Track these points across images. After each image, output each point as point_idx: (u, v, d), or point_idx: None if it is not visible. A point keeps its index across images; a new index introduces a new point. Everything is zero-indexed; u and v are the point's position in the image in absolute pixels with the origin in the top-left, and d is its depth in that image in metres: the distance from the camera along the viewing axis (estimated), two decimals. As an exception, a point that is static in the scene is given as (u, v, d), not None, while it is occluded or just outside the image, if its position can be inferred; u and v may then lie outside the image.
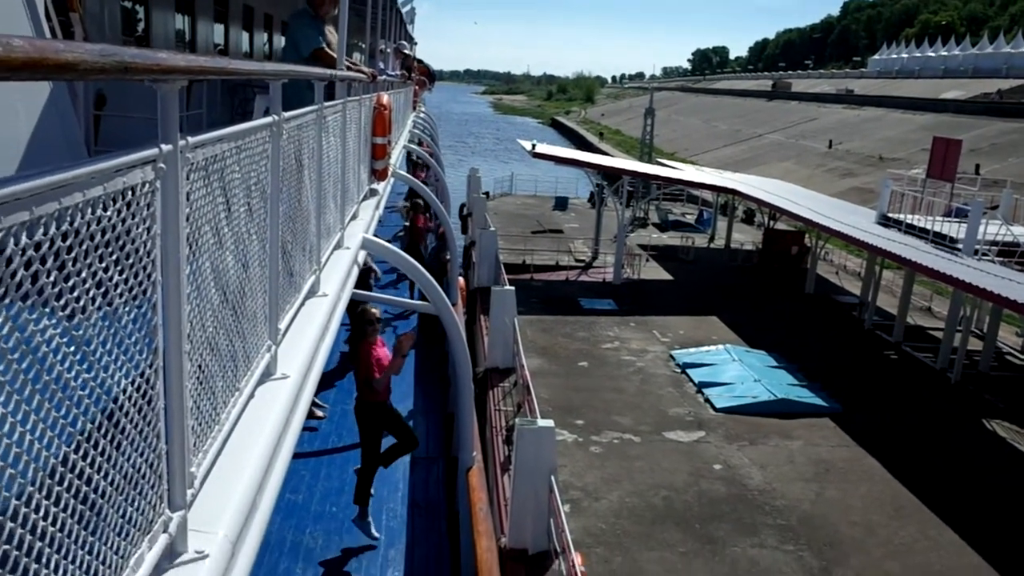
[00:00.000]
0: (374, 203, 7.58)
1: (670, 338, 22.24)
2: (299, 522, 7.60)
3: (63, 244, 1.28)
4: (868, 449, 15.89)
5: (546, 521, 10.78)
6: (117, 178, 1.46)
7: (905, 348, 22.15)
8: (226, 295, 2.41)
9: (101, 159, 1.40)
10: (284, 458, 2.82)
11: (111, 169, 1.43)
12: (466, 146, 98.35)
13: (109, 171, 1.42)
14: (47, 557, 1.28)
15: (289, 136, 3.30)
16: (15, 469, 1.17)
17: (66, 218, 1.28)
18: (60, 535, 1.33)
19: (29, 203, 1.15)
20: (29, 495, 1.22)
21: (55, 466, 1.32)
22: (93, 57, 1.15)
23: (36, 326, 1.24)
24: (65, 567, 1.35)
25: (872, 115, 74.90)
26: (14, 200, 1.11)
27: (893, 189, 25.05)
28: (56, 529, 1.31)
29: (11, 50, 0.92)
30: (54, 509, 1.30)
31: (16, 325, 1.17)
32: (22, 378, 1.20)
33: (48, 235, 1.23)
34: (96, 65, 1.16)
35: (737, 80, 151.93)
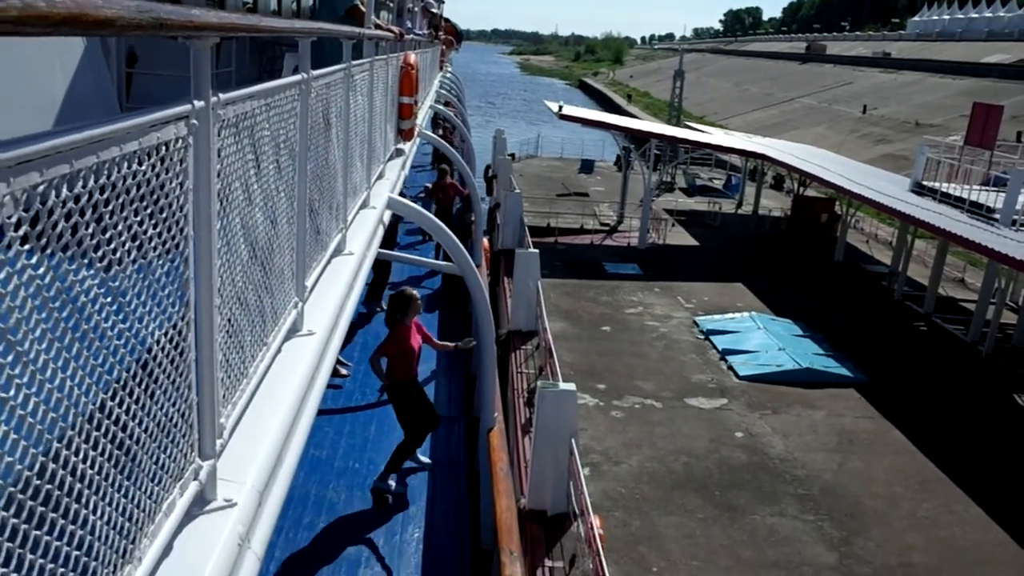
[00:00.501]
0: (400, 163, 7.59)
1: (694, 304, 22.17)
2: (323, 477, 7.75)
3: (101, 197, 1.32)
4: (893, 421, 15.82)
5: (565, 484, 10.88)
6: (151, 133, 1.49)
7: (935, 319, 21.90)
8: (255, 251, 2.45)
9: (136, 114, 1.43)
10: (310, 413, 2.88)
11: (146, 124, 1.46)
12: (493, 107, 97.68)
13: (144, 126, 1.45)
14: (86, 498, 1.34)
15: (317, 94, 3.32)
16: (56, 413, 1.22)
17: (103, 172, 1.31)
18: (98, 477, 1.39)
19: (69, 156, 1.18)
20: (69, 438, 1.27)
21: (93, 412, 1.37)
22: (130, 13, 1.17)
23: (75, 276, 1.28)
24: (102, 508, 1.41)
25: (909, 79, 73.18)
26: (55, 153, 1.14)
27: (929, 156, 24.55)
28: (94, 472, 1.37)
29: (53, 6, 0.95)
30: (92, 452, 1.36)
31: (57, 275, 1.21)
32: (62, 326, 1.24)
33: (87, 188, 1.27)
34: (133, 21, 1.18)
35: (770, 42, 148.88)
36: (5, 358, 1.09)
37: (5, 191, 1.01)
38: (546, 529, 11.05)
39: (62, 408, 1.24)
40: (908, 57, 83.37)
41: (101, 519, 1.40)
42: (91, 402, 1.35)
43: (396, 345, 7.54)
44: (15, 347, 1.11)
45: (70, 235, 1.23)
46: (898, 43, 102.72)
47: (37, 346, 1.18)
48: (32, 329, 1.16)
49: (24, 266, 1.12)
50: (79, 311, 1.30)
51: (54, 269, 1.20)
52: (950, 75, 68.74)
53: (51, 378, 1.21)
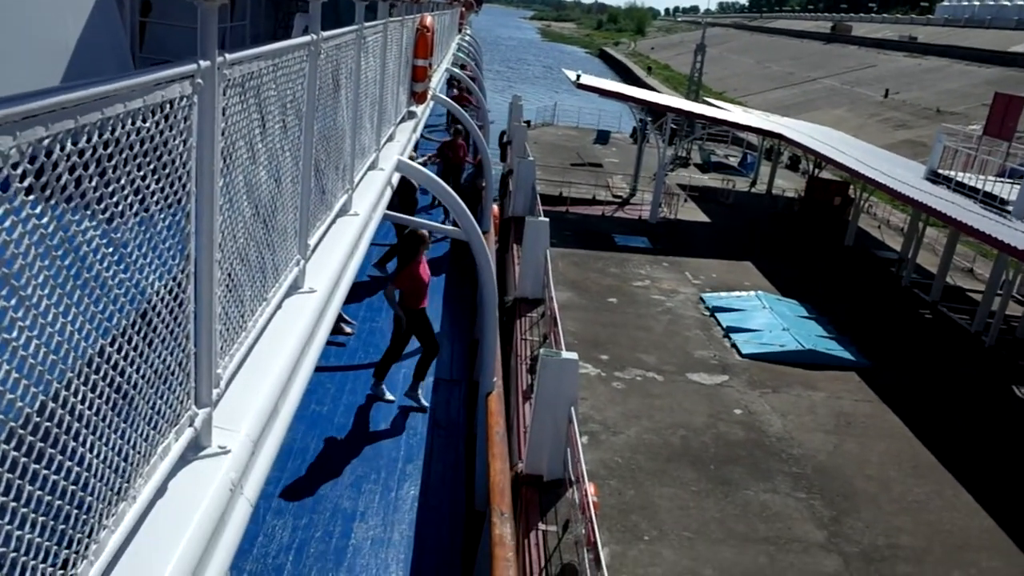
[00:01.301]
0: (412, 125, 7.61)
1: (702, 280, 22.16)
2: (322, 432, 7.89)
3: (104, 152, 1.37)
4: (891, 406, 15.88)
5: (563, 450, 11.03)
6: (156, 91, 1.54)
7: (941, 308, 21.85)
8: (258, 209, 2.50)
9: (142, 72, 1.48)
10: (307, 368, 2.96)
11: (151, 83, 1.51)
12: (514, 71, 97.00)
13: (148, 84, 1.50)
14: (84, 438, 1.41)
15: (327, 56, 3.35)
16: (57, 356, 1.29)
17: (108, 127, 1.37)
18: (96, 418, 1.46)
19: (74, 112, 1.24)
20: (69, 380, 1.34)
21: (93, 356, 1.44)
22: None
23: (78, 227, 1.34)
24: (99, 447, 1.48)
25: (934, 65, 72.16)
26: (60, 109, 1.19)
27: (946, 145, 24.31)
28: (92, 413, 1.44)
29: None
30: (91, 395, 1.43)
31: (60, 225, 1.27)
32: (65, 274, 1.31)
33: (91, 143, 1.32)
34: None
35: (795, 20, 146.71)
36: (8, 301, 1.16)
37: (11, 144, 1.07)
38: (541, 494, 11.22)
39: (63, 351, 1.31)
40: (934, 42, 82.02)
41: (98, 458, 1.48)
42: (91, 347, 1.41)
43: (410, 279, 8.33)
44: (18, 292, 1.18)
45: (74, 187, 1.28)
46: (926, 27, 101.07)
47: (40, 291, 1.25)
48: (35, 275, 1.23)
49: (29, 215, 1.18)
50: (81, 260, 1.36)
51: (58, 219, 1.26)
52: (976, 63, 67.71)
53: (53, 322, 1.28)
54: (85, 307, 1.41)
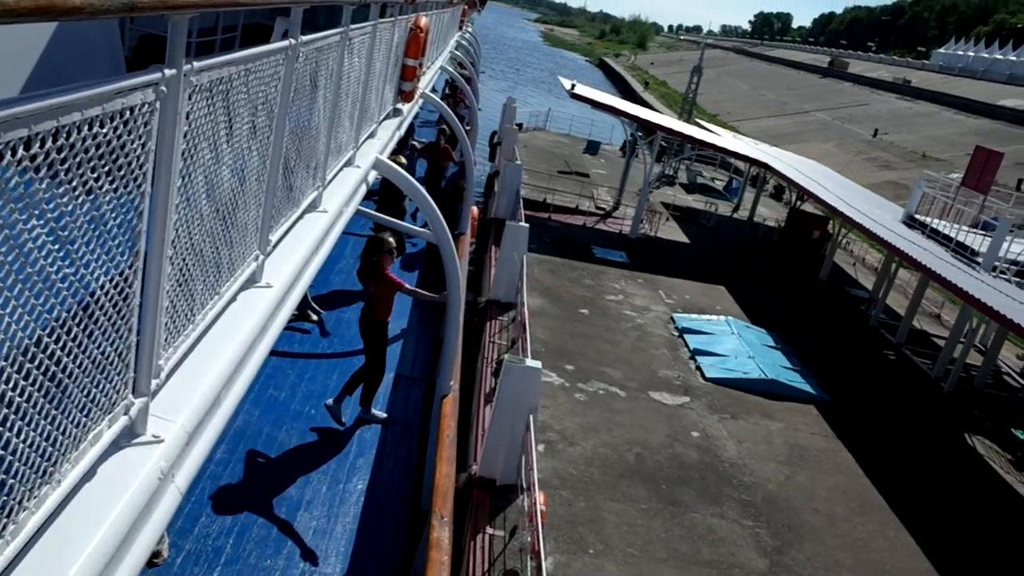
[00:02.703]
0: (396, 123, 7.66)
1: (674, 300, 22.36)
2: (277, 417, 7.92)
3: (57, 156, 1.44)
4: (845, 442, 16.13)
5: (518, 457, 11.12)
6: (116, 99, 1.61)
7: (905, 351, 22.20)
8: (218, 207, 2.56)
9: (102, 82, 1.54)
10: (255, 361, 3.02)
11: (111, 92, 1.57)
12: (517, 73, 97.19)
13: (109, 94, 1.57)
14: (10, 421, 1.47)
15: (307, 58, 3.41)
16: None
17: (62, 134, 1.43)
18: (25, 404, 1.52)
19: (28, 122, 1.30)
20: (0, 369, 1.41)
21: (28, 345, 1.50)
22: (99, 1, 1.28)
23: (25, 225, 1.41)
24: (26, 432, 1.55)
25: (924, 110, 73.17)
26: (14, 119, 1.26)
27: (925, 191, 24.73)
28: (22, 399, 1.50)
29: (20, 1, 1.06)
30: (22, 382, 1.49)
31: (5, 223, 1.34)
32: (6, 268, 1.37)
33: (44, 148, 1.39)
34: (102, 7, 1.29)
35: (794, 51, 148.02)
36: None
37: (-41, 154, 1.13)
38: (493, 497, 11.31)
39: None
40: (927, 88, 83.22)
41: (24, 441, 1.54)
42: (27, 336, 1.48)
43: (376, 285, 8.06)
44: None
45: (23, 189, 1.35)
46: (920, 72, 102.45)
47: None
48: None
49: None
50: (25, 256, 1.42)
51: (4, 217, 1.33)
52: (965, 112, 68.78)
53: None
54: (25, 299, 1.47)
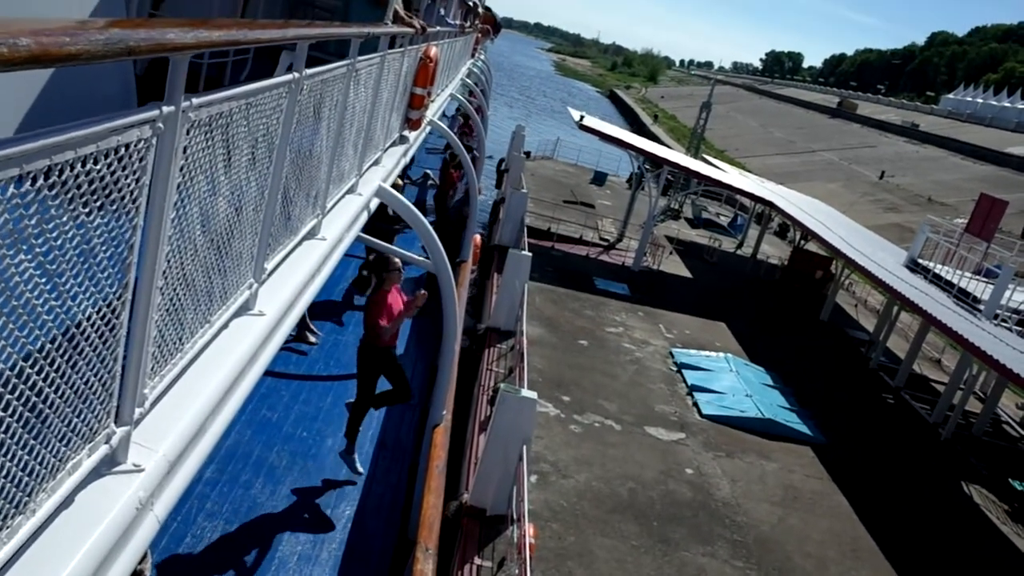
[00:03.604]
0: (401, 151, 7.72)
1: (674, 335, 22.35)
2: (269, 439, 7.89)
3: (49, 193, 1.46)
4: (840, 485, 16.04)
5: (510, 487, 11.07)
6: (112, 137, 1.63)
7: (904, 395, 22.13)
8: (212, 237, 2.58)
9: (98, 120, 1.57)
10: (244, 389, 3.02)
11: (107, 131, 1.60)
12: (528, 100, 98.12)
13: (104, 132, 1.59)
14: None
15: (311, 90, 3.45)
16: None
17: (55, 172, 1.45)
18: (3, 436, 1.52)
19: (19, 162, 1.32)
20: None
21: (9, 376, 1.51)
22: (96, 47, 1.30)
23: (12, 260, 1.42)
24: (2, 463, 1.55)
25: (931, 154, 73.53)
26: (6, 160, 1.28)
27: (929, 236, 24.79)
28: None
29: (15, 49, 1.09)
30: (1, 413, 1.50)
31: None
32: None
33: (35, 187, 1.41)
34: (99, 52, 1.32)
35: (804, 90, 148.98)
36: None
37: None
38: (482, 527, 11.24)
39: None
40: (935, 132, 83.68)
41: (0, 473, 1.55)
42: (7, 368, 1.49)
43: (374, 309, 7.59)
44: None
45: (11, 225, 1.37)
46: (929, 116, 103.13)
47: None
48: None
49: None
50: (11, 290, 1.44)
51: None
52: (972, 158, 69.12)
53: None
54: (8, 332, 1.48)
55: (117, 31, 1.39)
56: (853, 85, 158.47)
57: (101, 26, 1.36)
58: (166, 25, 1.67)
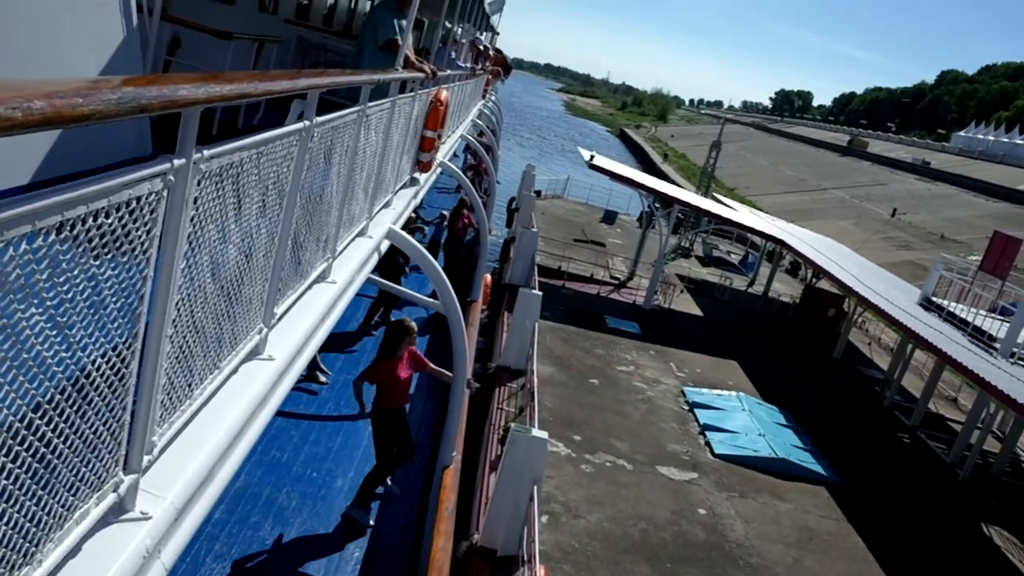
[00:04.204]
0: (412, 193, 7.79)
1: (685, 374, 22.23)
2: (278, 479, 7.87)
3: (60, 248, 1.49)
4: (856, 527, 15.79)
5: (520, 528, 10.95)
6: (123, 191, 1.66)
7: (920, 434, 21.86)
8: (222, 284, 2.61)
9: (110, 175, 1.60)
10: (252, 434, 3.03)
11: (119, 185, 1.63)
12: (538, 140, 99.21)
13: (116, 187, 1.62)
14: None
15: (321, 137, 3.50)
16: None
17: (67, 227, 1.48)
18: (8, 484, 1.53)
19: (32, 218, 1.35)
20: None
21: (14, 424, 1.52)
22: (109, 106, 1.34)
23: (24, 315, 1.45)
24: (9, 513, 1.56)
25: (943, 192, 73.47)
26: (18, 218, 1.31)
27: (943, 274, 24.68)
28: (7, 481, 1.52)
29: (29, 112, 1.12)
30: (9, 464, 1.51)
31: (4, 314, 1.38)
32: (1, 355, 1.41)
33: (47, 242, 1.43)
34: (111, 111, 1.36)
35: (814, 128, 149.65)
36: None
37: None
38: (493, 569, 11.10)
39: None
40: (947, 170, 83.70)
41: (5, 523, 1.55)
42: (16, 418, 1.50)
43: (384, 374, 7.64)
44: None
45: (23, 281, 1.39)
46: (940, 154, 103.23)
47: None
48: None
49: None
50: (21, 343, 1.46)
51: (2, 309, 1.37)
52: (984, 195, 69.03)
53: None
54: (19, 385, 1.50)
55: (130, 90, 1.43)
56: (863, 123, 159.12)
57: (114, 85, 1.40)
58: (178, 81, 1.71)
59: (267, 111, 8.15)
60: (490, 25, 25.95)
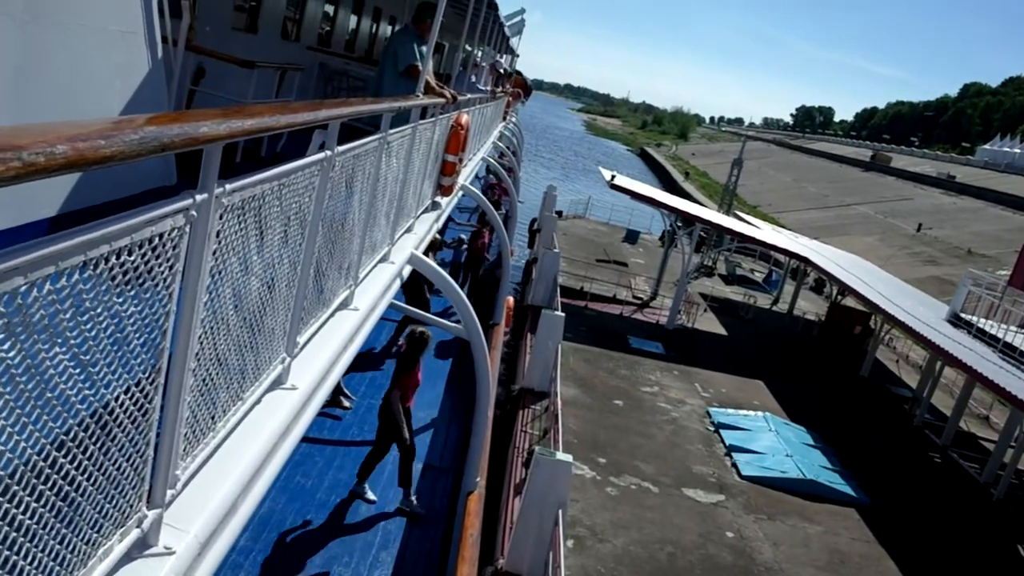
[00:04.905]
0: (433, 216, 7.81)
1: (711, 394, 22.02)
2: (303, 506, 7.85)
3: (84, 287, 1.49)
4: (889, 549, 15.49)
5: (546, 552, 10.86)
6: (146, 228, 1.67)
7: (952, 453, 21.46)
8: (245, 315, 2.61)
9: (133, 213, 1.60)
10: (276, 464, 3.01)
11: (142, 223, 1.64)
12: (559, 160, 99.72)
13: (139, 224, 1.63)
14: (14, 542, 1.48)
15: (343, 165, 3.52)
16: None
17: (90, 266, 1.49)
18: (31, 523, 1.52)
19: (55, 259, 1.35)
20: (5, 486, 1.42)
21: (42, 466, 1.52)
22: (131, 147, 1.35)
23: (47, 354, 1.45)
24: (32, 552, 1.55)
25: (970, 205, 72.61)
26: (42, 260, 1.31)
27: (971, 289, 24.33)
28: (27, 517, 1.51)
29: (52, 157, 1.13)
30: (27, 499, 1.50)
31: (28, 353, 1.38)
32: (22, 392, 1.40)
33: (70, 282, 1.44)
34: (133, 152, 1.36)
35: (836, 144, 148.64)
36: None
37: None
38: (518, 594, 11.00)
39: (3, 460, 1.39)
40: (972, 183, 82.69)
41: (29, 563, 1.55)
42: (37, 453, 1.50)
43: (413, 383, 8.31)
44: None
45: (47, 321, 1.40)
46: (965, 167, 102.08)
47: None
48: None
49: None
50: (45, 383, 1.46)
51: (27, 350, 1.37)
52: (1012, 208, 68.12)
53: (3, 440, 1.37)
54: (43, 424, 1.50)
55: (152, 129, 1.44)
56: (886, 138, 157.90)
57: (136, 125, 1.41)
58: (199, 118, 1.72)
59: (290, 138, 8.24)
60: (509, 47, 26.12)
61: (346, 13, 16.76)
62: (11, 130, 1.12)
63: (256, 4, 10.93)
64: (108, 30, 4.44)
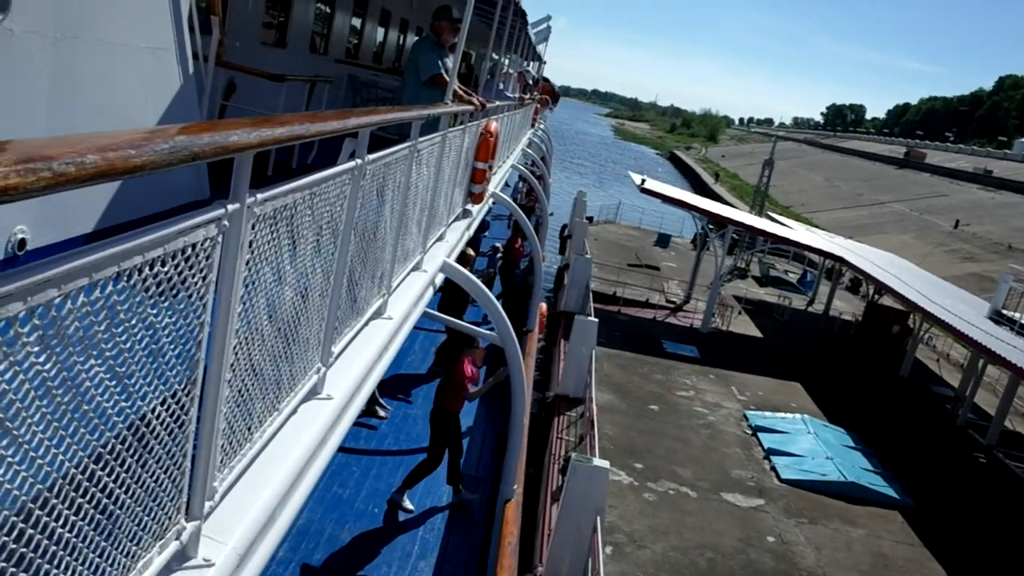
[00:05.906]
0: (465, 224, 7.80)
1: (747, 397, 21.77)
2: (341, 516, 7.87)
3: (119, 298, 1.49)
4: (934, 552, 15.17)
5: (584, 559, 10.78)
6: (179, 239, 1.66)
7: (997, 453, 20.98)
8: (279, 326, 2.61)
9: (165, 224, 1.60)
10: (313, 474, 3.01)
11: (174, 233, 1.63)
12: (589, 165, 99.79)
13: (172, 235, 1.63)
14: (56, 556, 1.48)
15: (373, 174, 3.52)
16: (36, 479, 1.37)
17: (123, 277, 1.48)
18: (71, 537, 1.52)
19: (89, 270, 1.35)
20: (45, 500, 1.42)
21: (80, 480, 1.52)
22: (161, 156, 1.34)
23: (82, 366, 1.45)
24: (73, 567, 1.55)
25: (1009, 200, 71.09)
26: (76, 271, 1.31)
27: (1012, 285, 23.80)
28: (67, 531, 1.50)
29: (82, 167, 1.12)
30: (67, 512, 1.50)
31: (65, 367, 1.38)
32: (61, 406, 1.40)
33: (105, 293, 1.44)
34: (164, 161, 1.36)
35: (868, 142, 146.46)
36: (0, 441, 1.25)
37: (21, 308, 1.18)
38: (557, 602, 10.92)
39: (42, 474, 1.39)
40: (1011, 178, 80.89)
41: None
42: (75, 467, 1.50)
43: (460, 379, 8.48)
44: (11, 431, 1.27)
45: (83, 333, 1.39)
46: (1002, 162, 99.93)
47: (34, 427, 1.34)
48: (32, 414, 1.32)
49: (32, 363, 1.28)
50: (82, 395, 1.46)
51: (63, 361, 1.37)
52: (1053, 202, 66.58)
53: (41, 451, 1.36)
54: (80, 437, 1.50)
55: (182, 139, 1.43)
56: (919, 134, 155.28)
57: (167, 134, 1.40)
58: (230, 127, 1.71)
59: (321, 149, 8.29)
60: (536, 54, 26.13)
61: (373, 26, 16.89)
62: (42, 141, 1.12)
63: (284, 19, 11.04)
64: (140, 47, 4.49)
